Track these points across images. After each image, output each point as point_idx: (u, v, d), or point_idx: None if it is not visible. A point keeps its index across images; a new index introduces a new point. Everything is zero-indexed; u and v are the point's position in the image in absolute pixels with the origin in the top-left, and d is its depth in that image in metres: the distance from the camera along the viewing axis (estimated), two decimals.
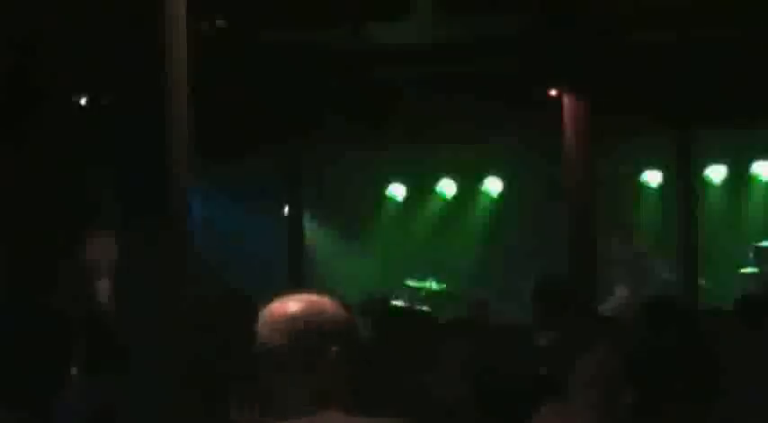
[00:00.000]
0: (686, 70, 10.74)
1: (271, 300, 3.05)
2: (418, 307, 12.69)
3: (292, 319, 2.96)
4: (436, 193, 14.88)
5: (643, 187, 14.19)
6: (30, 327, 3.26)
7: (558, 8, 9.06)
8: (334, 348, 2.95)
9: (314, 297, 3.03)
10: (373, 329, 6.17)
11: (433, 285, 13.23)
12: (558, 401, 4.16)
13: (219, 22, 9.84)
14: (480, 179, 14.69)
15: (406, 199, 15.01)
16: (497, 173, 14.59)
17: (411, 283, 13.35)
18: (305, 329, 2.94)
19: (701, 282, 12.01)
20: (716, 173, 13.89)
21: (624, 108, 10.71)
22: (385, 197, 14.99)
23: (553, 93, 9.88)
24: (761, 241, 13.15)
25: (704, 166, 13.63)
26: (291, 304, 2.99)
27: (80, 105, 10.83)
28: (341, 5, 10.28)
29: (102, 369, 5.36)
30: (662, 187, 13.96)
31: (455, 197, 14.89)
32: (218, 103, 10.26)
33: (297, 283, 11.67)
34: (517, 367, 4.87)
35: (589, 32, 9.07)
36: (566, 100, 9.96)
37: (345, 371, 2.96)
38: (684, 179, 11.75)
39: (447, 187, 14.81)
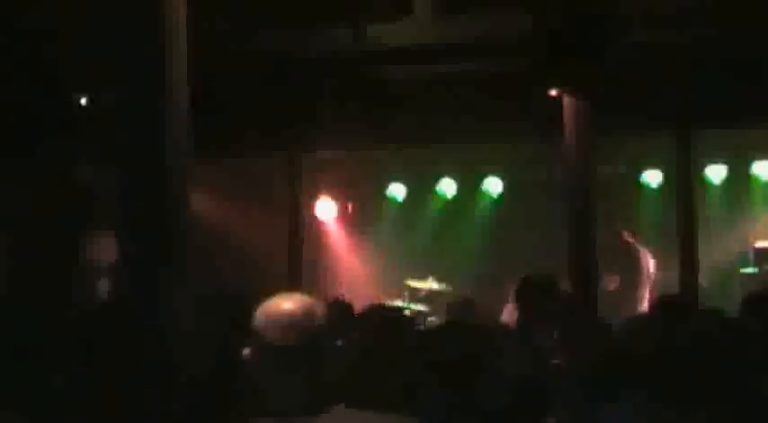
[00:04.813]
0: (686, 70, 10.75)
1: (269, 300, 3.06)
2: (417, 307, 12.76)
3: (296, 316, 2.98)
4: (436, 193, 14.88)
5: (643, 187, 14.19)
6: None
7: (558, 8, 9.06)
8: (337, 345, 2.99)
9: (305, 297, 3.05)
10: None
11: (434, 285, 13.21)
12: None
13: (220, 22, 9.85)
14: (480, 179, 14.68)
15: (406, 199, 15.00)
16: (497, 173, 14.59)
17: (411, 283, 13.33)
18: (311, 326, 2.97)
19: (701, 282, 12.00)
20: (716, 173, 13.88)
21: (624, 108, 10.71)
22: (385, 197, 14.98)
23: (553, 93, 9.87)
24: (761, 241, 13.15)
25: (704, 166, 13.63)
26: (290, 303, 3.02)
27: (80, 105, 10.84)
28: (341, 5, 10.29)
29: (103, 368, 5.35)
30: (662, 187, 13.96)
31: (455, 197, 14.88)
32: (218, 103, 10.26)
33: (297, 283, 11.66)
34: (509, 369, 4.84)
35: (589, 32, 9.07)
36: (566, 100, 9.96)
37: (350, 367, 2.99)
38: (684, 179, 11.74)
39: (447, 187, 14.80)
